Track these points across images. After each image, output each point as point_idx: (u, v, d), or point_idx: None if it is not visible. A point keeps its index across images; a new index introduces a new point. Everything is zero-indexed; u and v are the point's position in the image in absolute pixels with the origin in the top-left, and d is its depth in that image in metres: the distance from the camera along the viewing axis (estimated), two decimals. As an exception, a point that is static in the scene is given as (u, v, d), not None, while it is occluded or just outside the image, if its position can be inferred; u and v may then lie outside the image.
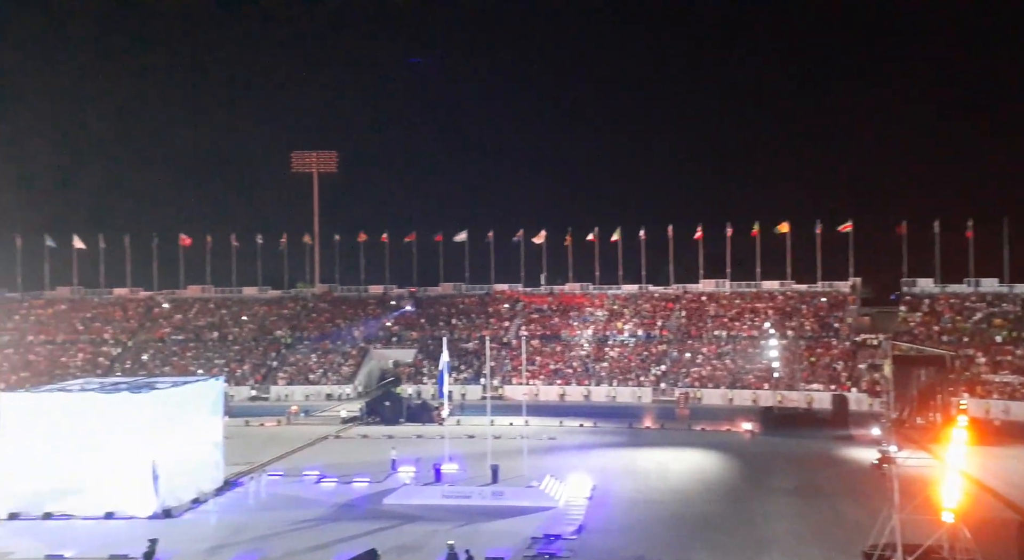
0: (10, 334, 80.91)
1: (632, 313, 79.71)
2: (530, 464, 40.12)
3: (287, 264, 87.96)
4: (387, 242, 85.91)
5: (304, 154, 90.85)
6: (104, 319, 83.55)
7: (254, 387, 73.48)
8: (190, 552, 29.21)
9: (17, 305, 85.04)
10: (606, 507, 35.81)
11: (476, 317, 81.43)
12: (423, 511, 34.98)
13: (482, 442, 44.40)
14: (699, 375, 70.45)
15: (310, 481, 40.80)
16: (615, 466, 43.90)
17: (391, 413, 58.32)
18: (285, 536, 31.75)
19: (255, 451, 47.62)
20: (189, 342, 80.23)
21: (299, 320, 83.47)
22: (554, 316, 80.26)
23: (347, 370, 75.27)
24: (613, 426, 56.34)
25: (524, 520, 33.55)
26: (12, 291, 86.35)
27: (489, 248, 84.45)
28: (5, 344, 79.38)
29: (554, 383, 71.08)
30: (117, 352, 78.87)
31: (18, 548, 30.19)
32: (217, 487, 38.73)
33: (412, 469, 41.24)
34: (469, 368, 73.44)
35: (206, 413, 39.39)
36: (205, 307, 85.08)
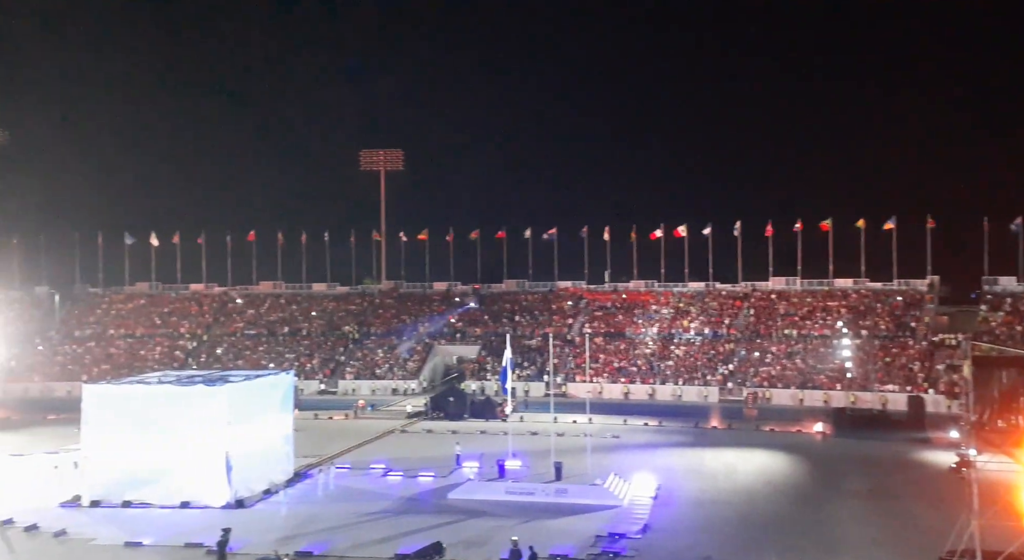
0: (92, 328, 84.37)
1: (698, 311, 78.57)
2: (594, 462, 39.95)
3: (355, 261, 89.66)
4: (451, 239, 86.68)
5: (372, 152, 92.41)
6: (180, 314, 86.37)
7: (323, 381, 75.00)
8: (262, 542, 29.93)
9: (99, 300, 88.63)
10: (671, 507, 35.38)
11: (539, 314, 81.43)
12: (487, 506, 35.16)
13: (545, 439, 44.40)
14: (768, 375, 69.02)
15: (377, 474, 41.42)
16: (681, 466, 43.33)
17: (455, 408, 58.82)
18: (352, 528, 32.30)
19: (324, 444, 48.57)
20: (261, 337, 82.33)
21: (366, 316, 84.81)
22: (618, 313, 79.67)
23: (412, 365, 76.17)
24: (679, 425, 55.64)
25: (588, 518, 33.42)
26: (94, 286, 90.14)
27: (553, 245, 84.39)
28: (88, 337, 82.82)
29: (618, 381, 70.59)
30: (193, 346, 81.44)
31: (99, 535, 31.42)
32: (287, 478, 39.62)
33: (476, 464, 41.47)
34: (532, 365, 73.50)
35: (277, 406, 40.30)
36: (276, 303, 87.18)
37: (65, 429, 51.73)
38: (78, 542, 30.61)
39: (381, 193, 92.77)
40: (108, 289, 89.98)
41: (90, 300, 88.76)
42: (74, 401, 44.76)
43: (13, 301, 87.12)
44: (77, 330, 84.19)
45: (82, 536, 31.17)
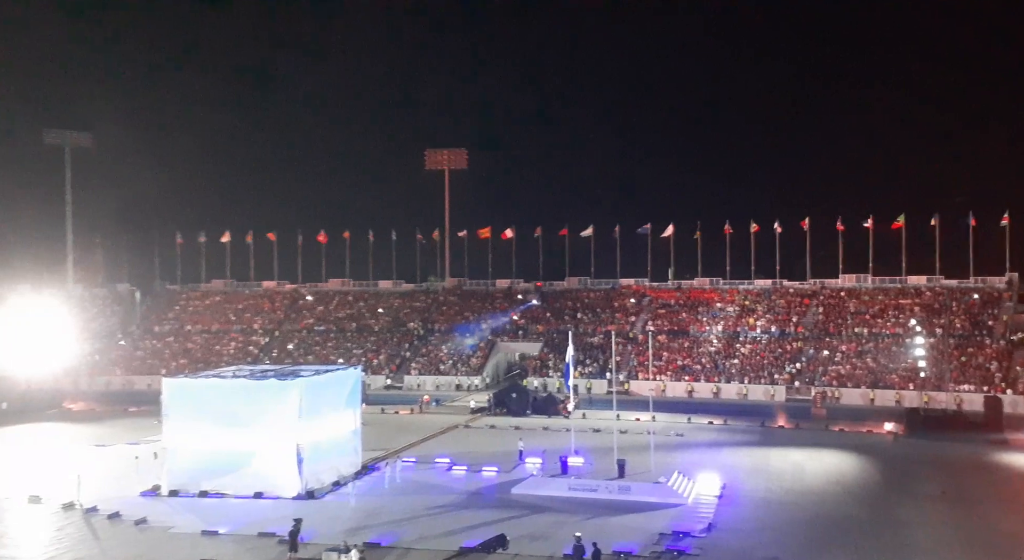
0: (170, 323, 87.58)
1: (765, 309, 77.28)
2: (657, 460, 39.82)
3: (419, 258, 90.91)
4: (514, 237, 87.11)
5: (436, 152, 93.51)
6: (253, 310, 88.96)
7: (389, 376, 76.33)
8: (331, 532, 30.74)
9: (177, 296, 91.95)
10: (737, 506, 35.04)
11: (601, 311, 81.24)
12: (550, 502, 35.39)
13: (608, 436, 44.40)
14: (837, 374, 67.50)
15: (441, 468, 42.08)
16: (746, 465, 42.82)
17: (518, 405, 59.21)
18: (418, 521, 32.94)
19: (390, 438, 49.55)
20: (330, 333, 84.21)
21: (430, 313, 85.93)
22: (682, 311, 78.93)
23: (475, 362, 76.89)
24: (744, 424, 54.92)
25: (651, 516, 33.35)
26: (172, 284, 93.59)
27: (615, 242, 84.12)
28: (166, 333, 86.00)
29: (682, 379, 69.97)
30: (265, 341, 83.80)
31: (178, 523, 32.73)
32: (356, 471, 40.56)
33: (538, 460, 41.73)
34: (594, 362, 73.42)
35: (345, 400, 41.25)
36: (344, 299, 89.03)
37: (145, 421, 54.12)
38: (158, 530, 31.96)
39: (445, 192, 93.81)
40: (185, 286, 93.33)
41: (168, 297, 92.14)
42: (154, 394, 46.78)
43: (97, 298, 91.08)
44: (156, 326, 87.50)
45: (161, 524, 32.53)
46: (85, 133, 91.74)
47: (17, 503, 35.73)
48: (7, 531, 32.02)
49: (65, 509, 34.58)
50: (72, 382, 74.09)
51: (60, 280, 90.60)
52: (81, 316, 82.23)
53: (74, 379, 74.81)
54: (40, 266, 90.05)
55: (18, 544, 30.45)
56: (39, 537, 31.31)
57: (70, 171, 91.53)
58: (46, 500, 35.78)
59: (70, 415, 61.72)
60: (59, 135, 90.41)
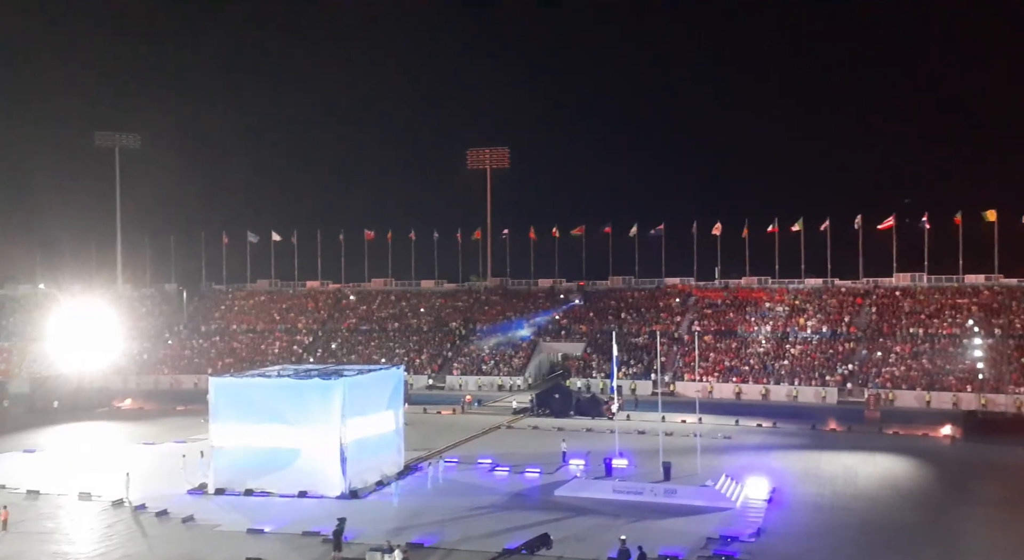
0: (217, 323, 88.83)
1: (816, 308, 75.58)
2: (704, 463, 39.02)
3: (461, 258, 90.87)
4: (556, 236, 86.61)
5: (478, 151, 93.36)
6: (298, 310, 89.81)
7: (431, 376, 76.38)
8: (375, 532, 30.63)
9: (223, 296, 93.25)
10: (787, 510, 34.13)
11: (646, 311, 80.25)
12: (594, 504, 34.87)
13: (653, 438, 43.72)
14: (891, 375, 65.66)
15: (484, 469, 41.83)
16: (796, 469, 41.77)
17: (561, 406, 58.68)
18: (461, 521, 32.69)
19: (432, 438, 49.43)
20: (372, 332, 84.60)
21: (472, 312, 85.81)
22: (729, 311, 77.56)
23: (518, 362, 76.51)
24: (794, 427, 53.68)
25: (698, 520, 32.64)
26: (218, 284, 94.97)
27: (660, 241, 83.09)
28: (213, 332, 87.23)
29: (729, 380, 68.71)
30: (309, 341, 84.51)
31: (224, 521, 32.97)
32: (398, 471, 40.52)
33: (582, 462, 41.23)
34: (639, 363, 72.50)
35: (388, 400, 41.21)
36: (387, 299, 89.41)
37: (192, 420, 54.80)
38: (205, 528, 32.21)
39: (487, 191, 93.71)
40: (231, 286, 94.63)
41: (215, 297, 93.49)
42: (200, 393, 47.26)
43: (145, 298, 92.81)
44: (203, 325, 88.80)
45: (208, 522, 32.79)
46: (134, 135, 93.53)
47: (69, 500, 36.33)
48: (59, 527, 32.56)
49: (115, 506, 35.06)
50: (121, 381, 75.57)
51: (110, 280, 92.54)
52: (130, 316, 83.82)
53: (123, 378, 76.29)
54: (91, 267, 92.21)
55: (71, 540, 30.92)
56: (90, 533, 31.76)
57: (119, 173, 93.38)
58: (96, 497, 36.32)
59: (119, 413, 62.88)
60: (109, 137, 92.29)
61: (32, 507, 35.22)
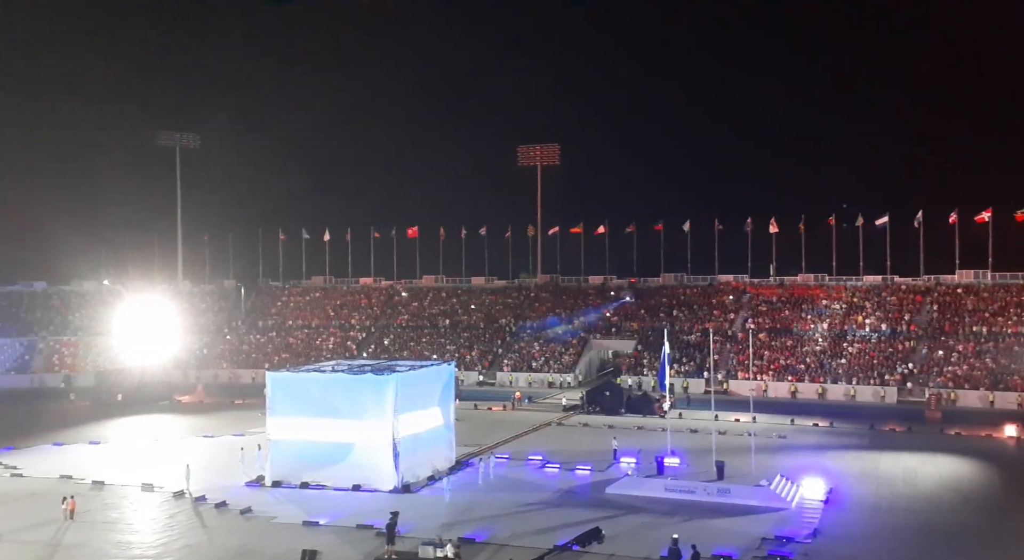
0: (273, 319, 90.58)
1: (875, 306, 73.81)
2: (758, 463, 38.48)
3: (511, 255, 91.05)
4: (607, 232, 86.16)
5: (529, 148, 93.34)
6: (351, 306, 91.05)
7: (482, 372, 76.70)
8: (427, 527, 30.96)
9: (279, 293, 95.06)
10: (844, 512, 33.46)
11: (698, 308, 79.34)
12: (645, 503, 34.64)
13: (706, 437, 43.24)
14: (953, 375, 63.79)
15: (535, 465, 41.87)
16: (854, 469, 40.91)
17: (611, 403, 58.40)
18: (512, 517, 32.80)
19: (483, 434, 49.66)
20: (424, 328, 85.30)
21: (522, 309, 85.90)
22: (784, 308, 76.22)
23: (568, 359, 76.36)
24: (852, 427, 52.56)
25: (752, 520, 32.20)
26: (275, 280, 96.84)
27: (713, 238, 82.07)
28: (269, 327, 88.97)
29: (784, 379, 67.53)
30: (362, 337, 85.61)
31: (280, 513, 33.64)
32: (450, 466, 40.81)
33: (633, 460, 41.01)
34: (691, 361, 71.72)
35: (440, 396, 41.53)
36: (438, 296, 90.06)
37: (250, 413, 56.01)
38: (262, 520, 32.90)
39: (538, 188, 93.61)
40: (287, 282, 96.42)
41: (271, 293, 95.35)
42: (258, 387, 48.34)
43: (205, 294, 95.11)
44: (260, 321, 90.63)
45: (265, 514, 33.48)
46: (194, 134, 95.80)
47: (132, 490, 37.48)
48: (123, 517, 33.60)
49: (176, 497, 36.04)
50: (182, 375, 77.59)
51: (171, 277, 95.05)
52: (190, 311, 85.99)
53: (184, 372, 78.31)
54: (153, 263, 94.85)
55: (135, 530, 31.88)
56: (152, 524, 32.70)
57: (180, 172, 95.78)
58: (158, 488, 37.39)
59: (180, 407, 64.54)
60: (170, 137, 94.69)
61: (97, 497, 36.41)
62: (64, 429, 53.24)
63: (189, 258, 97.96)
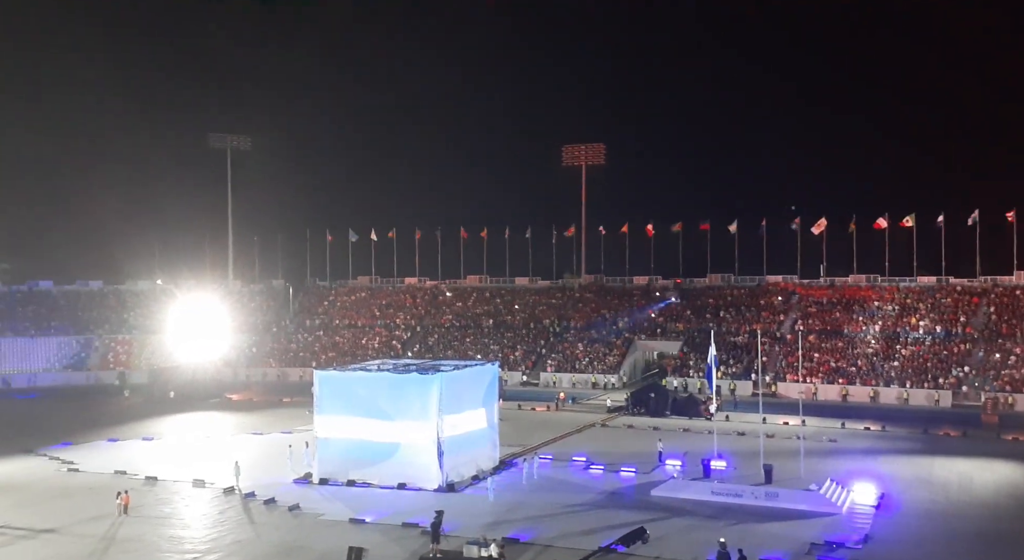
0: (320, 318, 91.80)
1: (929, 308, 72.00)
2: (808, 466, 37.81)
3: (555, 255, 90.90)
4: (652, 232, 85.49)
5: (574, 147, 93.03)
6: (396, 306, 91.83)
7: (525, 373, 76.72)
8: (471, 526, 31.07)
9: (326, 292, 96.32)
10: (896, 517, 32.71)
11: (746, 310, 78.25)
12: (691, 506, 34.29)
13: (753, 440, 42.62)
14: (1011, 378, 61.89)
15: (579, 466, 41.72)
16: (907, 474, 39.96)
17: (657, 405, 57.92)
18: (556, 518, 32.74)
19: (527, 434, 49.68)
20: (468, 328, 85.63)
21: (566, 310, 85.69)
22: (835, 310, 74.76)
23: (612, 360, 75.96)
24: (905, 431, 51.37)
25: (801, 524, 31.64)
26: (322, 280, 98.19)
27: (761, 238, 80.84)
28: (317, 326, 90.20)
29: (835, 382, 66.23)
30: (407, 336, 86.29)
31: (327, 510, 34.07)
32: (494, 466, 40.89)
33: (679, 463, 40.60)
34: (739, 363, 70.77)
35: (484, 395, 41.65)
36: (482, 296, 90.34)
37: (298, 411, 56.88)
38: (309, 516, 33.36)
39: (582, 187, 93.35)
40: (334, 282, 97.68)
41: (319, 292, 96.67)
42: (305, 385, 48.97)
43: (254, 293, 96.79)
44: (308, 320, 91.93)
45: (313, 511, 33.95)
46: (245, 136, 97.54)
47: (184, 486, 38.31)
48: (175, 512, 34.36)
49: (226, 493, 36.73)
50: (232, 372, 79.07)
51: (222, 276, 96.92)
52: (240, 310, 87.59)
53: (233, 370, 79.80)
54: (204, 263, 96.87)
55: (186, 525, 32.58)
56: (203, 519, 33.38)
57: (231, 173, 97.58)
58: (209, 484, 38.15)
59: (230, 404, 65.79)
60: (221, 139, 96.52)
61: (150, 492, 37.29)
62: (119, 425, 54.67)
63: (239, 258, 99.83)
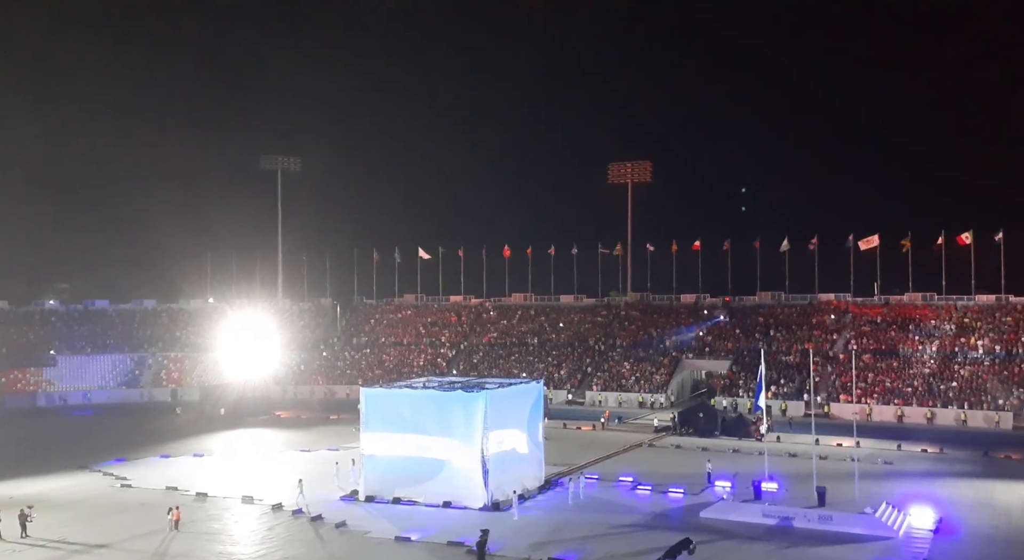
0: (367, 336, 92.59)
1: (988, 327, 69.79)
2: (863, 489, 36.81)
3: (601, 273, 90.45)
4: (700, 250, 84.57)
5: (620, 165, 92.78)
6: (442, 324, 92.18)
7: (570, 391, 76.20)
8: (516, 545, 30.83)
9: (373, 310, 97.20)
10: (955, 542, 31.60)
11: (797, 329, 76.73)
12: (742, 528, 33.55)
13: (806, 462, 41.67)
14: (1076, 400, 59.56)
15: (626, 487, 41.20)
16: (966, 498, 38.61)
17: (705, 425, 56.98)
18: (603, 539, 32.29)
19: (572, 453, 49.23)
20: (512, 346, 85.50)
21: (612, 328, 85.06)
22: (889, 329, 72.89)
23: (659, 379, 75.07)
24: (964, 453, 49.71)
25: (856, 548, 30.76)
26: (369, 298, 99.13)
27: (813, 255, 79.38)
28: (363, 344, 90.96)
29: (890, 402, 64.42)
30: (452, 354, 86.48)
31: (373, 528, 34.15)
32: (539, 485, 40.60)
33: (728, 484, 39.85)
34: (790, 382, 69.33)
35: (529, 414, 41.42)
36: (527, 314, 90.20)
37: (345, 428, 57.22)
38: (356, 534, 33.46)
39: (628, 205, 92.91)
40: (381, 300, 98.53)
41: (365, 311, 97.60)
42: (352, 403, 49.34)
43: (303, 311, 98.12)
44: (355, 338, 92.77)
45: (359, 528, 34.05)
46: (295, 158, 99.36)
47: (233, 502, 38.75)
48: (225, 528, 34.75)
49: (274, 510, 37.05)
50: (280, 390, 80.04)
51: (271, 294, 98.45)
52: (289, 328, 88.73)
53: (282, 387, 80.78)
54: (255, 282, 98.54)
55: (235, 541, 32.92)
56: (252, 536, 33.69)
57: (281, 193, 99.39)
58: (258, 500, 38.52)
59: (278, 421, 66.51)
60: (272, 160, 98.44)
61: (201, 508, 37.79)
62: (171, 442, 55.66)
63: (289, 277, 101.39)
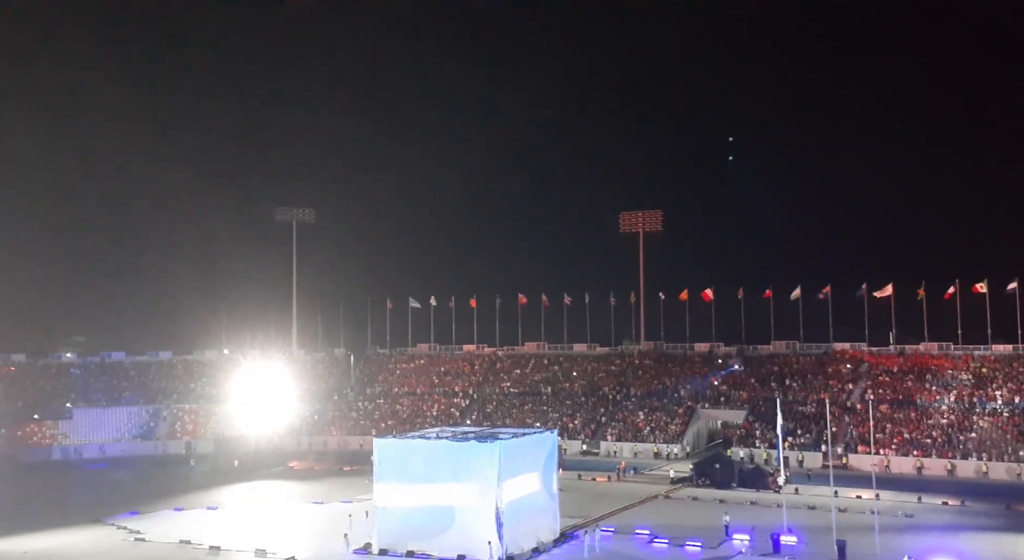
0: (381, 385, 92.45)
1: (1006, 377, 69.00)
2: (883, 543, 36.15)
3: (614, 322, 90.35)
4: (712, 299, 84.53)
5: (631, 214, 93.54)
6: (455, 373, 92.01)
7: (585, 441, 75.52)
8: (531, 600, 30.31)
9: (386, 360, 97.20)
10: (982, 602, 30.82)
11: (813, 378, 76.12)
12: (761, 584, 32.96)
13: (825, 514, 41.04)
14: (1101, 452, 58.50)
15: (642, 540, 40.59)
16: (990, 552, 37.82)
17: (722, 476, 56.26)
18: (619, 595, 31.76)
19: (587, 505, 48.63)
20: (526, 395, 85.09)
21: (626, 377, 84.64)
22: (906, 379, 72.19)
23: (674, 429, 74.36)
24: (986, 506, 48.77)
25: (879, 606, 30.07)
26: (382, 348, 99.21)
27: (827, 304, 79.15)
28: (377, 394, 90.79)
29: (909, 454, 63.47)
30: (466, 404, 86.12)
31: (386, 580, 33.72)
32: (554, 538, 40.07)
33: (746, 537, 39.21)
34: (807, 433, 68.52)
35: (543, 464, 41.10)
36: (540, 363, 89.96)
37: (358, 479, 56.83)
38: (368, 587, 33.04)
39: (640, 254, 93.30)
40: (394, 350, 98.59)
41: (379, 360, 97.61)
42: (365, 454, 49.15)
43: (317, 361, 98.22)
44: (368, 388, 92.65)
45: (372, 581, 33.62)
46: (309, 209, 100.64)
47: (246, 556, 38.41)
48: (236, 580, 34.40)
49: (286, 562, 36.67)
50: (294, 441, 79.71)
51: (286, 345, 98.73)
52: (303, 379, 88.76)
53: (296, 438, 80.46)
54: (269, 332, 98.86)
55: (245, 593, 32.57)
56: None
57: (295, 245, 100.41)
58: (271, 554, 38.17)
59: (292, 473, 66.15)
60: (287, 212, 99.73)
61: (213, 560, 37.49)
62: (184, 494, 55.41)
63: (303, 327, 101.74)
